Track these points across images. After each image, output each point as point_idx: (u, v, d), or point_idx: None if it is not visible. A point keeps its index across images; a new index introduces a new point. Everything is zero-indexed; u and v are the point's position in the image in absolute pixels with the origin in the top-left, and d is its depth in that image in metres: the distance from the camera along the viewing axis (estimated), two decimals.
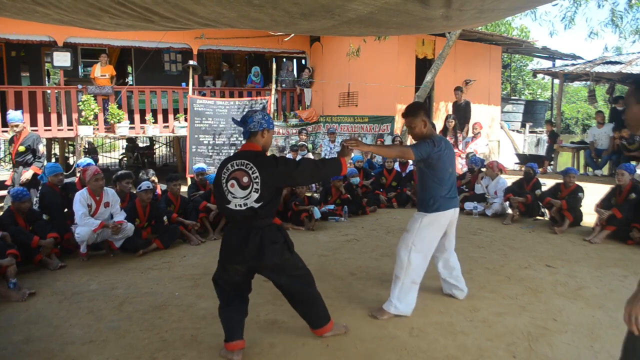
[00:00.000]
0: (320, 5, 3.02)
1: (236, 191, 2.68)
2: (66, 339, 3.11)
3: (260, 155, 2.76)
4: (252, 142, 2.79)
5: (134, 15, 3.18)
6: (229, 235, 2.79)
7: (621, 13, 10.62)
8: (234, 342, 2.79)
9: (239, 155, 2.76)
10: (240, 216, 2.71)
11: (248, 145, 2.80)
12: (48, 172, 5.52)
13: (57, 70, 10.95)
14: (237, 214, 2.71)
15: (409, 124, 3.35)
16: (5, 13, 3.30)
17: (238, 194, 2.68)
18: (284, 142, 11.59)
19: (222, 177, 2.73)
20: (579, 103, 25.80)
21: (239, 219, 2.73)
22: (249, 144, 2.80)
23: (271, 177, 2.69)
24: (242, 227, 2.73)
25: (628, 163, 6.04)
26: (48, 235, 4.74)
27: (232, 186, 2.68)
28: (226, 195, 2.71)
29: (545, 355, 2.81)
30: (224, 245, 2.80)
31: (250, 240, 2.69)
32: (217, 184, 2.79)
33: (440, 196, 3.28)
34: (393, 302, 3.33)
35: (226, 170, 2.72)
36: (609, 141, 9.68)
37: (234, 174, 2.69)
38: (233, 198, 2.69)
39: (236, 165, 2.71)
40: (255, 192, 2.67)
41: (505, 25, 18.50)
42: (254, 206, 2.67)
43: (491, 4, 3.29)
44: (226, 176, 2.71)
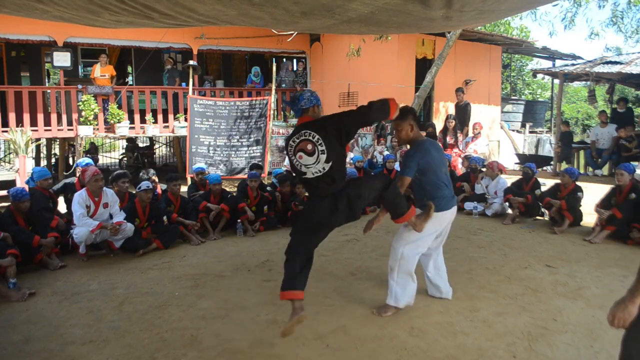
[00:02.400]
0: (320, 4, 3.02)
1: (306, 160, 2.86)
2: (66, 339, 3.11)
3: (313, 121, 2.97)
4: (305, 116, 3.00)
5: (134, 12, 3.18)
6: (316, 203, 2.94)
7: (622, 13, 10.63)
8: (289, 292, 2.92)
9: (297, 128, 2.95)
10: (321, 183, 2.89)
11: (302, 119, 3.00)
12: (36, 176, 5.43)
13: (57, 70, 10.95)
14: (316, 181, 2.90)
15: (395, 127, 3.42)
16: (5, 10, 3.29)
17: (309, 162, 2.86)
18: (283, 142, 11.59)
19: (290, 154, 2.94)
20: (579, 103, 25.78)
21: (321, 186, 2.90)
22: (302, 117, 3.00)
23: (327, 131, 2.86)
24: (327, 195, 2.89)
25: (628, 163, 6.03)
26: (48, 235, 4.74)
27: (300, 157, 2.87)
28: (299, 168, 2.91)
29: (545, 355, 2.81)
30: (313, 211, 2.96)
31: (339, 204, 2.87)
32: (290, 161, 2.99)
33: (437, 197, 3.32)
34: (394, 295, 3.37)
35: (291, 147, 2.92)
36: (611, 141, 9.67)
37: (299, 146, 2.89)
38: (307, 168, 2.88)
39: (296, 139, 2.90)
40: (322, 153, 2.84)
41: (505, 25, 18.49)
42: (326, 168, 2.85)
43: (491, 4, 3.29)
44: (292, 151, 2.91)
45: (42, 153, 14.01)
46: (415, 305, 3.53)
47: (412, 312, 3.41)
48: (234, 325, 3.27)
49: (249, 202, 6.18)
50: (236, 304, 3.65)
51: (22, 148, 8.19)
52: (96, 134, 9.84)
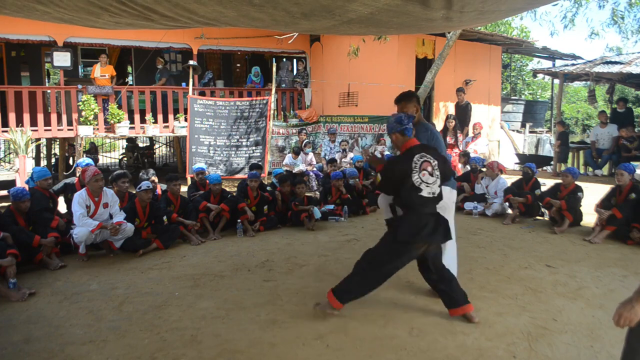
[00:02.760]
0: (320, 5, 3.02)
1: (428, 179, 3.10)
2: (66, 339, 3.11)
3: (426, 147, 3.25)
4: (413, 137, 3.23)
5: (134, 13, 3.18)
6: (419, 219, 3.11)
7: (622, 13, 10.64)
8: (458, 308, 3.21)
9: (417, 148, 3.17)
10: (431, 202, 3.13)
11: (414, 141, 3.22)
12: (36, 176, 5.42)
13: (57, 70, 10.95)
14: (428, 201, 3.12)
15: (402, 109, 3.53)
16: (5, 11, 3.29)
17: (430, 181, 3.11)
18: (283, 142, 11.60)
19: (413, 170, 3.08)
20: (579, 103, 25.79)
21: (429, 205, 3.14)
22: (413, 139, 3.23)
23: (438, 161, 3.19)
24: (430, 213, 3.15)
25: (628, 163, 6.03)
26: (49, 235, 4.74)
27: (423, 175, 3.09)
28: (418, 185, 3.07)
29: (545, 355, 2.81)
30: (415, 227, 3.09)
31: (439, 222, 3.15)
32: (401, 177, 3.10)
33: None
34: None
35: (415, 164, 3.09)
36: (612, 141, 9.67)
37: (423, 165, 3.11)
38: (426, 186, 3.09)
39: (420, 157, 3.12)
40: (437, 177, 3.16)
41: (505, 25, 18.50)
42: (437, 192, 3.15)
43: (492, 5, 3.29)
44: (417, 168, 3.09)
45: (42, 153, 14.01)
46: (415, 305, 3.54)
47: (412, 312, 3.42)
48: (234, 325, 3.27)
49: (249, 202, 6.18)
50: (236, 304, 3.65)
51: (22, 148, 8.19)
52: (96, 134, 9.84)
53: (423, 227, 3.10)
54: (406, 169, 3.09)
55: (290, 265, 4.62)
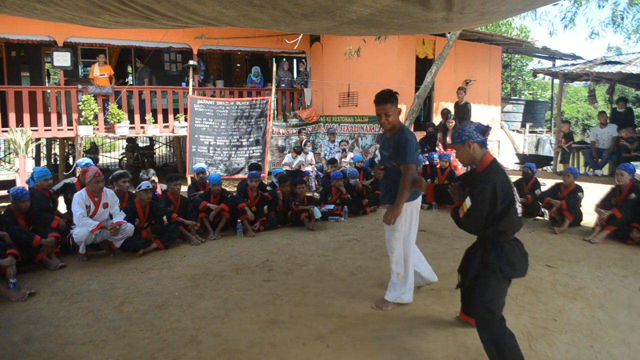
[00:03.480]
0: (321, 6, 3.02)
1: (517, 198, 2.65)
2: (66, 339, 3.11)
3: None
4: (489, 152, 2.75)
5: (134, 13, 3.18)
6: (517, 249, 2.64)
7: (622, 13, 10.63)
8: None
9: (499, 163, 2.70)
10: (521, 225, 2.69)
11: (490, 155, 2.72)
12: (37, 176, 5.42)
13: (57, 70, 10.95)
14: (521, 222, 2.69)
15: (385, 111, 3.29)
16: (5, 10, 3.29)
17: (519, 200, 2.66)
18: (283, 142, 11.60)
19: (513, 188, 2.61)
20: (579, 103, 25.78)
21: (519, 228, 2.66)
22: (489, 153, 2.74)
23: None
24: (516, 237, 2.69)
25: (628, 163, 6.04)
26: (49, 235, 4.75)
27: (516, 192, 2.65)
28: (518, 207, 2.61)
29: (545, 355, 2.81)
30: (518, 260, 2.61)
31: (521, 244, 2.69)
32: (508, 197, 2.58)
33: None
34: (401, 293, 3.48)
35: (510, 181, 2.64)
36: (611, 141, 9.66)
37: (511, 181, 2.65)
38: (519, 206, 2.64)
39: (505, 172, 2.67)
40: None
41: (505, 25, 18.51)
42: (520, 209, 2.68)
43: (492, 6, 3.29)
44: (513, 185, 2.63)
45: (42, 153, 14.01)
46: (415, 305, 3.54)
47: (412, 312, 3.42)
48: (234, 325, 3.27)
49: (249, 202, 6.18)
50: (236, 304, 3.65)
51: (22, 148, 8.19)
52: (96, 134, 9.84)
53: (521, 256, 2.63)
54: (509, 184, 2.59)
55: (290, 265, 4.62)
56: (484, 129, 2.67)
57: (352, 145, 11.15)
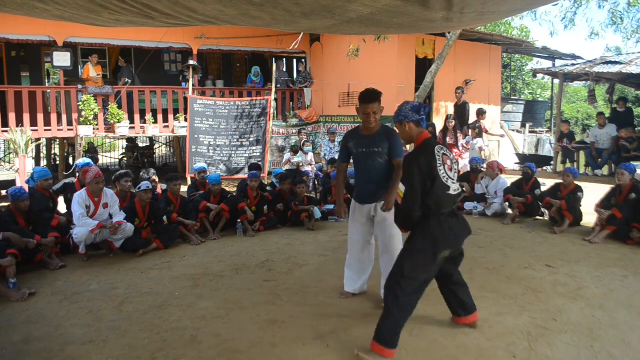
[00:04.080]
0: (321, 5, 3.02)
1: (452, 175, 2.75)
2: (66, 339, 3.11)
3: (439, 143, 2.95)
4: (426, 130, 2.88)
5: (134, 11, 3.17)
6: (445, 224, 2.73)
7: (621, 13, 10.64)
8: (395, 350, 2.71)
9: (433, 140, 2.80)
10: (453, 201, 2.78)
11: (427, 134, 2.84)
12: (37, 176, 5.42)
13: (57, 70, 10.95)
14: (453, 199, 2.76)
15: (374, 109, 3.32)
16: (5, 9, 3.29)
17: (454, 177, 2.77)
18: (283, 142, 11.60)
19: (439, 167, 2.67)
20: (579, 103, 25.78)
21: (451, 205, 2.78)
22: (426, 132, 2.86)
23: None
24: (451, 213, 2.80)
25: (628, 163, 6.03)
26: (49, 235, 4.75)
27: (449, 169, 2.73)
28: (446, 182, 2.70)
29: (545, 355, 2.81)
30: (443, 233, 2.71)
31: (460, 220, 2.85)
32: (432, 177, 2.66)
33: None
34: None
35: (438, 157, 2.70)
36: (611, 141, 9.66)
37: (444, 158, 2.72)
38: (452, 183, 2.74)
39: (440, 150, 2.75)
40: (456, 172, 2.83)
41: (505, 25, 18.49)
42: (458, 187, 2.82)
43: (492, 6, 3.29)
44: (441, 162, 2.69)
45: (42, 153, 14.01)
46: None
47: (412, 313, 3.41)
48: (234, 325, 3.27)
49: (249, 202, 6.18)
50: (236, 304, 3.65)
51: (22, 148, 8.19)
52: (96, 134, 9.84)
53: (449, 230, 2.75)
54: (433, 162, 2.67)
55: (290, 265, 4.62)
56: (418, 108, 2.79)
57: None
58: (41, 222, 4.94)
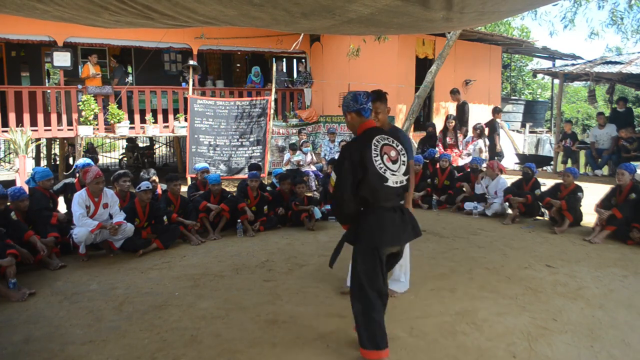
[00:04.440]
0: (321, 5, 3.02)
1: (391, 166, 2.63)
2: (66, 339, 3.11)
3: (387, 131, 2.81)
4: (371, 119, 2.79)
5: (134, 12, 3.18)
6: (386, 218, 2.63)
7: (621, 13, 10.64)
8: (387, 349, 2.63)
9: (375, 131, 2.71)
10: (395, 194, 2.67)
11: (372, 123, 2.77)
12: (39, 176, 5.42)
13: (57, 70, 10.95)
14: (393, 192, 2.65)
15: (375, 108, 3.36)
16: (5, 10, 3.29)
17: (393, 169, 2.64)
18: (283, 142, 11.59)
19: (374, 156, 2.59)
20: (579, 103, 25.78)
21: (392, 198, 2.67)
22: (371, 121, 2.78)
23: (405, 146, 2.76)
24: (393, 207, 2.68)
25: (628, 163, 6.03)
26: (49, 235, 4.75)
27: (387, 160, 2.63)
28: (383, 173, 2.60)
29: (545, 355, 2.81)
30: (384, 228, 2.62)
31: (406, 217, 2.72)
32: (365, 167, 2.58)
33: None
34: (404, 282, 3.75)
35: (375, 148, 2.62)
36: (611, 141, 9.66)
37: (384, 148, 2.63)
38: (392, 175, 2.63)
39: (382, 139, 2.66)
40: (403, 164, 2.70)
41: (505, 25, 18.50)
42: (404, 181, 2.70)
43: (492, 6, 3.30)
44: (378, 152, 2.61)
45: (42, 153, 14.01)
46: (415, 305, 3.54)
47: (412, 312, 3.42)
48: (234, 325, 3.27)
49: (249, 202, 6.18)
50: (236, 304, 3.65)
51: (22, 148, 8.20)
52: (96, 134, 9.84)
53: (390, 225, 2.64)
54: (366, 151, 2.59)
55: (290, 265, 4.62)
56: (356, 96, 2.73)
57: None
58: (40, 221, 4.95)
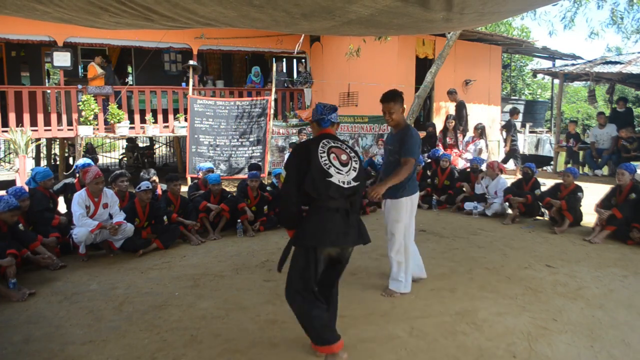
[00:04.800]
0: (320, 6, 3.02)
1: (337, 165, 2.68)
2: (66, 339, 3.11)
3: (343, 141, 2.87)
4: (330, 129, 2.85)
5: (134, 14, 3.18)
6: (329, 216, 2.65)
7: (621, 13, 10.65)
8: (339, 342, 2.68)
9: (328, 135, 2.80)
10: (340, 194, 2.66)
11: (328, 131, 2.84)
12: (40, 177, 5.42)
13: (57, 70, 10.95)
14: (338, 190, 2.64)
15: (388, 109, 3.56)
16: (5, 11, 3.30)
17: (340, 168, 2.68)
18: (283, 142, 11.59)
19: (320, 152, 2.66)
20: (579, 103, 25.79)
21: (337, 197, 2.65)
22: (328, 130, 2.84)
23: (358, 157, 2.82)
24: (340, 208, 2.68)
25: (628, 163, 6.03)
26: (50, 235, 4.75)
27: (334, 159, 2.68)
28: (327, 169, 2.63)
29: (545, 355, 2.81)
30: (323, 228, 2.63)
31: (351, 220, 2.71)
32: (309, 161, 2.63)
33: (412, 178, 3.63)
34: (403, 282, 3.70)
35: (323, 146, 2.70)
36: (611, 141, 9.66)
37: (332, 149, 2.71)
38: (337, 172, 2.65)
39: (332, 142, 2.75)
40: (354, 170, 2.73)
41: (505, 25, 18.49)
42: (353, 184, 2.69)
43: (492, 7, 3.30)
44: (325, 150, 2.68)
45: (42, 153, 14.02)
46: (415, 305, 3.54)
47: (412, 312, 3.42)
48: (234, 325, 3.27)
49: (249, 202, 6.18)
50: (236, 304, 3.65)
51: (22, 148, 8.20)
52: (96, 134, 9.84)
53: (330, 226, 2.63)
54: (311, 148, 2.68)
55: None
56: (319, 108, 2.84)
57: (352, 145, 11.13)
58: (42, 222, 4.95)
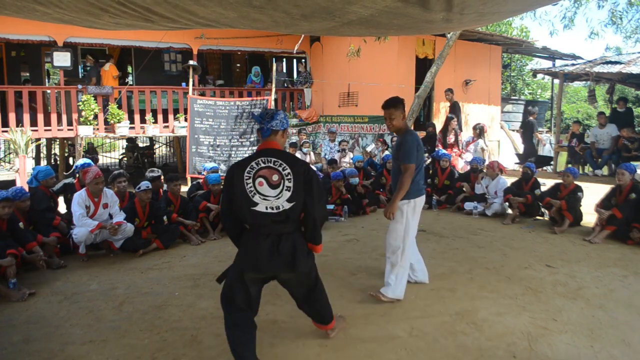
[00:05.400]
0: (320, 7, 3.02)
1: (266, 190, 2.49)
2: (66, 339, 3.11)
3: (286, 153, 2.64)
4: (272, 140, 2.63)
5: (134, 15, 3.18)
6: (254, 242, 2.56)
7: (621, 13, 10.64)
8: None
9: (262, 152, 2.57)
10: (269, 220, 2.52)
11: (269, 144, 2.61)
12: (41, 176, 5.44)
13: (57, 70, 10.95)
14: (266, 218, 2.51)
15: (389, 115, 3.61)
16: (5, 11, 3.30)
17: (268, 194, 2.50)
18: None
19: (246, 178, 2.50)
20: (579, 103, 25.79)
21: (266, 224, 2.53)
22: (269, 142, 2.62)
23: (298, 171, 2.55)
24: (271, 234, 2.55)
25: (628, 163, 6.03)
26: (50, 235, 4.75)
27: (260, 184, 2.49)
28: (252, 197, 2.50)
29: (545, 355, 2.81)
30: (248, 253, 2.58)
31: (282, 247, 2.54)
32: (232, 187, 2.54)
33: (416, 181, 3.62)
34: (392, 286, 3.61)
35: (250, 170, 2.51)
36: (611, 141, 9.66)
37: (260, 172, 2.51)
38: (263, 199, 2.50)
39: (262, 163, 2.52)
40: (287, 190, 2.51)
41: (505, 25, 18.50)
42: (286, 207, 2.52)
43: (492, 7, 3.30)
44: (252, 175, 2.50)
45: (42, 153, 14.01)
46: (415, 305, 3.54)
47: (412, 312, 3.42)
48: None
49: None
50: None
51: (22, 148, 8.20)
52: (96, 134, 9.84)
53: (254, 252, 2.55)
54: (235, 173, 2.54)
55: None
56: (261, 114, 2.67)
57: (352, 145, 11.14)
58: (43, 222, 4.95)
